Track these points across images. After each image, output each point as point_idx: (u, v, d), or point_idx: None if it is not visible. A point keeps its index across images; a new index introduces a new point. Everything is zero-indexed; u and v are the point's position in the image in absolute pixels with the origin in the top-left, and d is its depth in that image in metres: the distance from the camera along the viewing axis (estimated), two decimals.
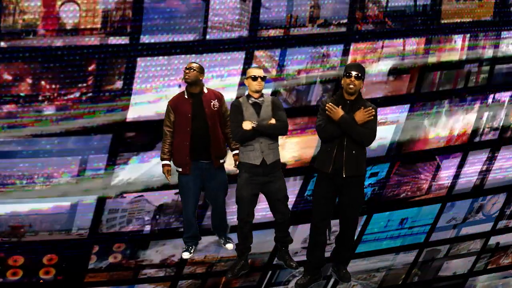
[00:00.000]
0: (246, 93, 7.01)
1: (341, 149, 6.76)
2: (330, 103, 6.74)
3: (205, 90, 7.41)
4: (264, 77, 6.92)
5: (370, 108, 6.78)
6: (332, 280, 10.55)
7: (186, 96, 7.39)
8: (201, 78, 7.37)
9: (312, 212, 7.15)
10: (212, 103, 7.28)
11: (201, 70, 7.37)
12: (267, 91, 8.47)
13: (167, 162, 7.54)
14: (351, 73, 6.73)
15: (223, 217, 7.96)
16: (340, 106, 6.76)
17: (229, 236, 8.16)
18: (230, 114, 6.99)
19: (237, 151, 7.38)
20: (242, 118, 6.86)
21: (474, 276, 11.50)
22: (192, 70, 7.32)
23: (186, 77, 7.33)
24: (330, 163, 6.79)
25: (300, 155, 9.36)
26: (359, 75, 6.74)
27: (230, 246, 8.21)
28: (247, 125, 6.83)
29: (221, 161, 7.48)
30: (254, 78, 6.87)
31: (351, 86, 6.74)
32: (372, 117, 6.78)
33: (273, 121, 6.89)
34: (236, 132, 6.88)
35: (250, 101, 6.92)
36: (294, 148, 9.22)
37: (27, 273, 8.89)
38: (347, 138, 6.74)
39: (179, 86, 8.34)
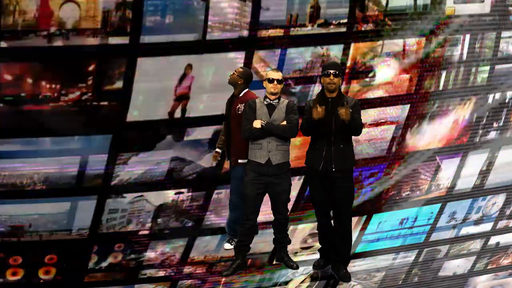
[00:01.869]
0: (264, 94, 7.11)
1: (329, 145, 6.88)
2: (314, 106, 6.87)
3: (241, 94, 7.53)
4: (281, 80, 7.02)
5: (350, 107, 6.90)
6: (332, 280, 10.55)
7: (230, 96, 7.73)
8: (239, 82, 7.55)
9: (313, 205, 7.36)
10: (238, 107, 7.41)
11: (242, 75, 7.58)
12: None
13: (217, 149, 8.06)
14: (329, 72, 6.94)
15: (232, 218, 7.92)
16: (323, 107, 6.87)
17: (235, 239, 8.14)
18: (244, 112, 7.11)
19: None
20: (254, 116, 6.99)
21: (474, 276, 11.51)
22: (233, 73, 7.64)
23: (228, 78, 7.67)
24: (320, 160, 6.90)
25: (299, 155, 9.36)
26: (337, 72, 6.96)
27: (227, 245, 8.23)
28: (256, 123, 6.95)
29: (239, 160, 7.53)
30: (271, 81, 7.00)
31: (331, 84, 6.93)
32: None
33: (284, 123, 6.98)
34: (245, 129, 7.01)
35: (265, 102, 7.05)
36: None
37: (27, 273, 8.90)
38: (334, 134, 6.85)
39: None
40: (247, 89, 7.61)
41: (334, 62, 7.29)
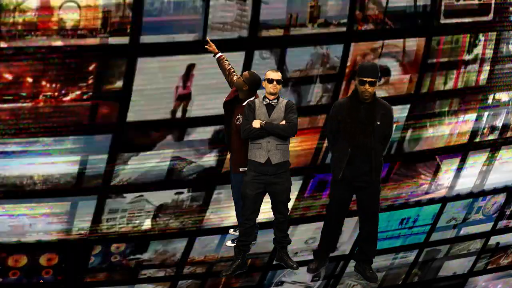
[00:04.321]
0: (263, 94, 7.09)
1: (367, 157, 6.68)
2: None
3: (245, 103, 7.36)
4: (280, 80, 7.00)
5: None
6: (332, 280, 10.56)
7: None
8: (244, 88, 7.28)
9: (330, 207, 7.16)
10: (238, 117, 7.29)
11: (247, 81, 7.27)
12: None
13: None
14: (365, 80, 6.52)
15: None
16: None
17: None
18: (243, 112, 7.07)
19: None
20: (253, 116, 6.97)
21: (474, 276, 11.52)
22: (239, 77, 7.35)
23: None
24: (356, 172, 6.74)
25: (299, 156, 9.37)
26: (374, 81, 6.53)
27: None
28: (256, 123, 6.94)
29: (240, 169, 7.44)
30: (270, 81, 6.97)
31: (366, 94, 6.56)
32: None
33: (283, 122, 6.96)
34: (244, 129, 6.98)
35: (264, 102, 7.02)
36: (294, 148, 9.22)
37: (27, 273, 8.90)
38: (372, 145, 6.64)
39: None
40: (253, 97, 7.32)
41: (372, 66, 6.57)
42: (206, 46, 7.54)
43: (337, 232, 7.27)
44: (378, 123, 6.67)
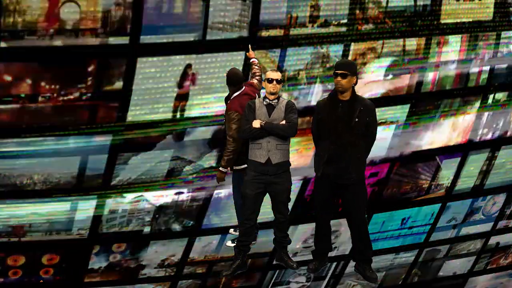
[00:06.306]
0: (263, 94, 7.09)
1: (344, 153, 6.71)
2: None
3: (229, 100, 7.38)
4: (280, 80, 7.00)
5: None
6: (332, 280, 10.57)
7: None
8: (226, 84, 7.35)
9: (315, 206, 7.19)
10: (224, 115, 7.30)
11: (227, 76, 7.34)
12: None
13: None
14: (337, 73, 6.68)
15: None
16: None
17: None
18: (243, 112, 7.06)
19: (221, 169, 7.36)
20: (253, 116, 6.97)
21: (474, 276, 11.53)
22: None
23: None
24: (335, 169, 6.76)
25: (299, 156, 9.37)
26: (346, 73, 6.66)
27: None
28: (256, 123, 6.94)
29: (234, 167, 7.44)
30: (270, 81, 6.98)
31: (338, 86, 6.69)
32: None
33: (283, 122, 6.97)
34: (244, 129, 6.98)
35: (264, 102, 7.03)
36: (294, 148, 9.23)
37: (27, 273, 8.91)
38: (348, 141, 6.70)
39: None
40: (238, 92, 7.35)
41: (345, 61, 7.00)
42: (247, 53, 7.72)
43: (327, 230, 7.26)
44: (357, 120, 6.72)
